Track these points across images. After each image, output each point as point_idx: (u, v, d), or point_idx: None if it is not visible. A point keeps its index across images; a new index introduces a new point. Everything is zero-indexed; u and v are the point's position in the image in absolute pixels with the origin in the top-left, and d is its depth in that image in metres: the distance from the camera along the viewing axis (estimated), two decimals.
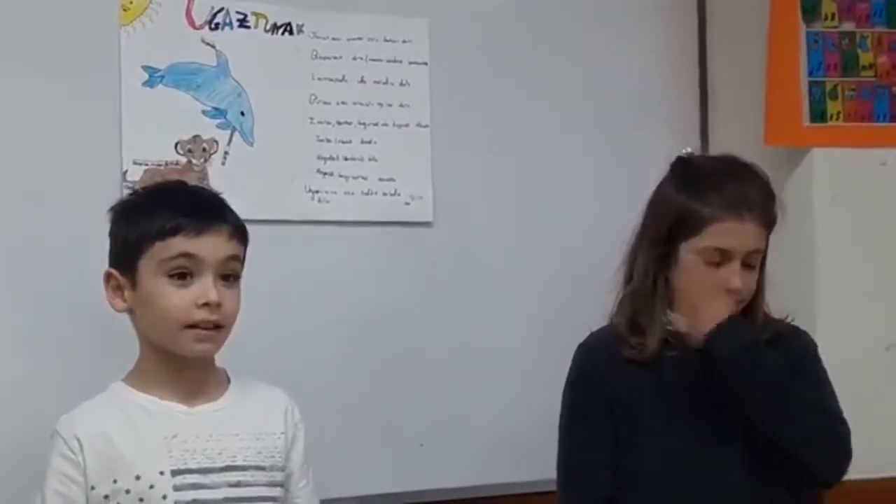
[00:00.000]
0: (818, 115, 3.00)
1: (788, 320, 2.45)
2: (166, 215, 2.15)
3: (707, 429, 2.35)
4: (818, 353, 2.45)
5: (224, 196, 2.26)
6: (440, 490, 2.80)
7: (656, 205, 2.41)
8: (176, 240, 2.14)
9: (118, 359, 2.23)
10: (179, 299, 2.14)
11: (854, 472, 2.56)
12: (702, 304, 2.34)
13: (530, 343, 2.89)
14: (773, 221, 2.39)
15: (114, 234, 2.21)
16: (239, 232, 2.21)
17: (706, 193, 2.34)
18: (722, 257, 2.33)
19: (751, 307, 2.40)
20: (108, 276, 2.20)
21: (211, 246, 2.15)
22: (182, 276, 2.14)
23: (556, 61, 2.98)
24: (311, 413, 2.32)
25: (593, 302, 2.45)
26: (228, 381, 2.26)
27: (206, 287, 2.14)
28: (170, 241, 2.14)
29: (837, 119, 3.01)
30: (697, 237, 2.34)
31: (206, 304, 2.14)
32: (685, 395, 2.36)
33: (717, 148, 2.91)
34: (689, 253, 2.35)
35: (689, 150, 2.45)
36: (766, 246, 2.39)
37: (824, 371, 2.43)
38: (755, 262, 2.36)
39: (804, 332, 2.48)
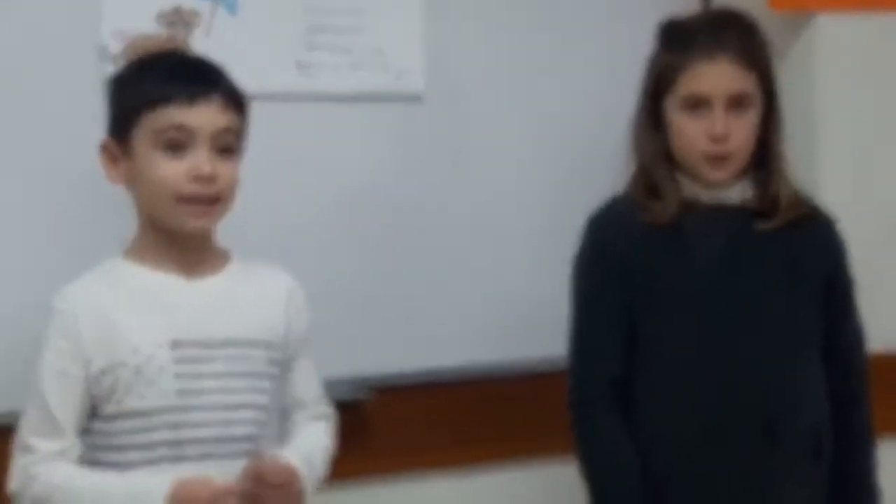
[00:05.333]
0: None
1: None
2: (158, 83, 2.09)
3: (736, 291, 2.34)
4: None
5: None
6: (433, 370, 2.77)
7: (646, 70, 2.41)
8: (168, 110, 2.08)
9: (116, 232, 2.20)
10: (172, 171, 2.09)
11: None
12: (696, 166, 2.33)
13: (524, 219, 2.85)
14: (758, 61, 2.35)
15: (110, 104, 2.16)
16: (235, 101, 2.15)
17: (682, 44, 2.33)
18: (702, 104, 2.31)
19: (768, 169, 2.37)
20: (103, 147, 2.16)
21: (204, 116, 2.09)
22: (175, 147, 2.09)
23: None
24: None
25: (595, 174, 2.41)
26: (229, 259, 2.23)
27: (199, 159, 2.09)
28: (161, 111, 2.08)
29: None
30: (675, 88, 2.33)
31: (198, 177, 2.08)
32: (711, 257, 2.34)
33: None
34: (673, 108, 2.35)
35: None
36: (769, 91, 2.36)
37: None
38: (743, 104, 2.32)
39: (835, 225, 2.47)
